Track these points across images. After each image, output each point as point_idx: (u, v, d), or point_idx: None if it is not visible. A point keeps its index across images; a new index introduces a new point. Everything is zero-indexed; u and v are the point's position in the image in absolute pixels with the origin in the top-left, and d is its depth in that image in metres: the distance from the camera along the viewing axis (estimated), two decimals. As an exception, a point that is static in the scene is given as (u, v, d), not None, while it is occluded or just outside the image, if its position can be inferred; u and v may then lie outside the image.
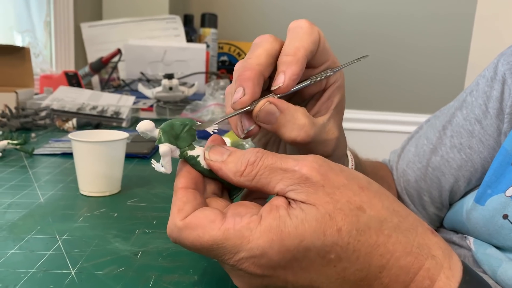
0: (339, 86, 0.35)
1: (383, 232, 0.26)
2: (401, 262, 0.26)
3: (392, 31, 1.89)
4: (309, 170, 0.27)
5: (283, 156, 0.28)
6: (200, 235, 0.27)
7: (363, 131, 1.95)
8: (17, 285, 0.31)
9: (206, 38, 1.69)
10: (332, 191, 0.26)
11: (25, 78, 1.07)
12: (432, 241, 0.27)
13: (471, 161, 0.48)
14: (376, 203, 0.27)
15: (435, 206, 0.53)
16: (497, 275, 0.40)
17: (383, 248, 0.26)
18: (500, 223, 0.40)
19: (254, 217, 0.27)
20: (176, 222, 0.27)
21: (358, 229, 0.26)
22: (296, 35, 0.32)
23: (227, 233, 0.26)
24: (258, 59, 0.31)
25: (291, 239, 0.25)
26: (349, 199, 0.26)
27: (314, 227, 0.25)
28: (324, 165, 0.27)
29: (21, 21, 1.39)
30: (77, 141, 0.49)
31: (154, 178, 0.58)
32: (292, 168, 0.27)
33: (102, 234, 0.40)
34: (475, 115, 0.48)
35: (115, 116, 0.96)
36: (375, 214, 0.26)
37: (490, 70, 0.48)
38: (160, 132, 0.30)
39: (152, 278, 0.32)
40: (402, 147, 0.58)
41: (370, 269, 0.26)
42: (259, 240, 0.26)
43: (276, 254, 0.26)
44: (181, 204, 0.28)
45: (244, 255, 0.26)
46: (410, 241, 0.27)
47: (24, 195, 0.49)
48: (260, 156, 0.28)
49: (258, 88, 0.31)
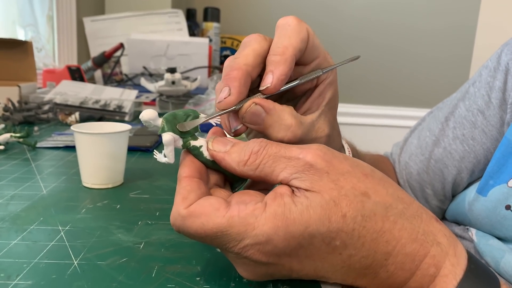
0: (330, 82, 0.35)
1: (388, 218, 0.26)
2: (407, 249, 0.26)
3: (395, 25, 1.88)
4: (313, 157, 0.27)
5: (287, 145, 0.28)
6: (204, 223, 0.26)
7: (365, 125, 1.94)
8: (19, 274, 0.30)
9: (209, 32, 1.68)
10: (337, 177, 0.26)
11: (27, 72, 1.07)
12: (437, 228, 0.27)
13: (474, 152, 0.48)
14: (381, 190, 0.27)
15: (438, 198, 0.53)
16: (500, 266, 0.40)
17: (389, 234, 0.26)
18: (503, 214, 0.40)
19: (259, 204, 0.26)
20: (180, 210, 0.27)
21: (363, 215, 0.26)
22: (284, 33, 0.31)
23: (231, 220, 0.26)
24: (245, 58, 0.31)
25: (297, 226, 0.25)
26: (353, 186, 0.26)
27: (319, 213, 0.25)
28: (328, 153, 0.27)
29: (24, 16, 1.39)
30: (80, 133, 0.49)
31: (157, 171, 0.58)
32: (296, 156, 0.27)
33: (104, 225, 0.40)
34: (477, 106, 0.48)
35: (118, 110, 0.96)
36: (380, 200, 0.26)
37: (494, 60, 0.48)
38: (163, 122, 0.30)
39: (155, 268, 0.32)
40: (404, 140, 0.58)
41: (375, 256, 0.26)
42: (264, 227, 0.25)
43: (281, 241, 0.26)
44: (185, 193, 0.28)
45: (249, 242, 0.26)
46: (415, 227, 0.27)
47: (26, 187, 0.49)
48: (264, 146, 0.28)
49: (244, 88, 0.30)
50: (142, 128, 0.83)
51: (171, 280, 0.31)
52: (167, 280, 0.30)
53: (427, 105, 1.89)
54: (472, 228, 0.46)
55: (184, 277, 0.31)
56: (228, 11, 1.85)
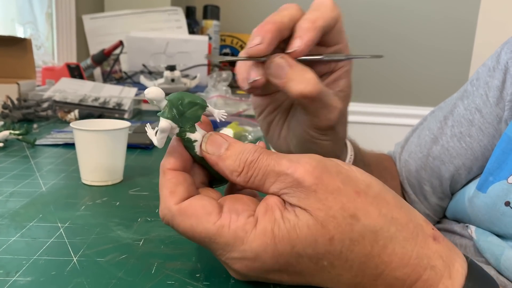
0: (347, 71, 0.35)
1: (377, 242, 0.25)
2: (396, 273, 0.25)
3: (396, 24, 1.88)
4: (301, 173, 0.26)
5: (278, 156, 0.27)
6: (193, 225, 0.26)
7: (365, 123, 1.94)
8: (18, 271, 0.30)
9: (209, 30, 1.68)
10: (325, 196, 0.25)
11: (27, 70, 1.07)
12: (432, 250, 0.26)
13: (471, 149, 0.48)
14: (372, 211, 0.26)
15: (437, 196, 0.53)
16: (500, 263, 0.39)
17: (378, 259, 0.25)
18: (502, 210, 0.40)
19: (251, 219, 0.26)
20: (170, 206, 0.27)
21: (351, 239, 0.25)
22: (317, 7, 0.33)
23: (221, 230, 0.26)
24: (281, 18, 0.32)
25: (284, 245, 0.25)
26: (342, 206, 0.25)
27: (305, 234, 0.25)
28: (319, 167, 0.26)
29: (23, 13, 1.38)
30: (79, 130, 0.49)
31: (157, 168, 0.58)
32: (285, 171, 0.26)
33: (104, 222, 0.40)
34: (475, 105, 0.48)
35: (117, 108, 0.96)
36: (370, 223, 0.25)
37: (493, 59, 0.48)
38: (167, 105, 0.29)
39: (154, 265, 0.32)
40: (406, 139, 0.58)
41: (364, 277, 0.26)
42: (253, 244, 0.25)
43: (269, 258, 0.25)
44: (172, 186, 0.27)
45: (237, 256, 0.26)
46: (407, 252, 0.26)
47: (26, 184, 0.49)
48: (257, 157, 0.27)
49: (275, 41, 0.31)
50: (141, 125, 0.82)
51: (171, 276, 0.30)
52: (167, 277, 0.30)
53: (428, 103, 1.89)
54: (471, 226, 0.46)
55: (184, 274, 0.31)
56: (228, 9, 1.85)
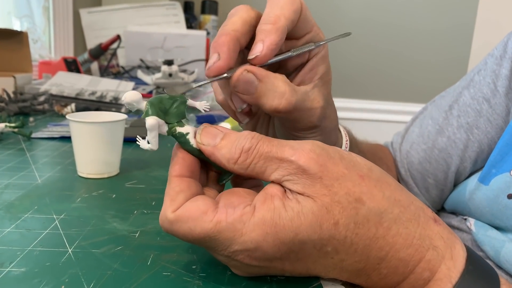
0: (322, 56, 0.33)
1: (382, 224, 0.25)
2: (400, 254, 0.25)
3: (394, 19, 1.88)
4: (306, 160, 0.25)
5: (280, 143, 0.27)
6: (191, 228, 0.26)
7: (361, 120, 1.94)
8: (13, 262, 0.30)
9: (207, 25, 1.67)
10: (331, 183, 0.25)
11: (23, 63, 1.06)
12: (434, 231, 0.26)
13: (478, 141, 0.47)
14: (377, 194, 0.26)
15: (439, 188, 0.52)
16: (500, 256, 0.39)
17: (382, 241, 0.25)
18: (504, 203, 0.40)
19: (247, 208, 0.26)
20: (167, 214, 0.26)
21: (356, 222, 0.25)
22: (276, 3, 0.30)
23: (219, 226, 0.25)
24: (233, 25, 0.29)
25: (286, 232, 0.25)
26: (348, 191, 0.25)
27: (310, 220, 0.24)
28: (323, 154, 0.26)
29: (20, 6, 1.37)
30: (75, 122, 0.49)
31: (153, 161, 0.58)
32: (289, 158, 0.26)
33: (100, 214, 0.39)
34: (483, 94, 0.47)
35: (114, 102, 0.95)
36: (374, 205, 0.25)
37: (500, 48, 0.47)
38: (147, 105, 0.28)
39: (150, 256, 0.32)
40: (406, 129, 0.57)
41: (368, 261, 0.26)
42: (252, 234, 0.25)
43: (270, 247, 0.25)
44: (173, 194, 0.27)
45: (238, 248, 0.25)
46: (411, 232, 0.26)
47: (21, 176, 0.49)
48: (255, 143, 0.27)
49: (233, 53, 0.29)
50: (138, 119, 0.82)
51: (167, 268, 0.30)
52: (163, 268, 0.30)
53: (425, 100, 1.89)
54: (470, 219, 0.46)
55: (180, 265, 0.31)
56: (226, 3, 1.84)
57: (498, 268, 0.40)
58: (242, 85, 0.29)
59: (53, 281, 0.28)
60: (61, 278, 0.28)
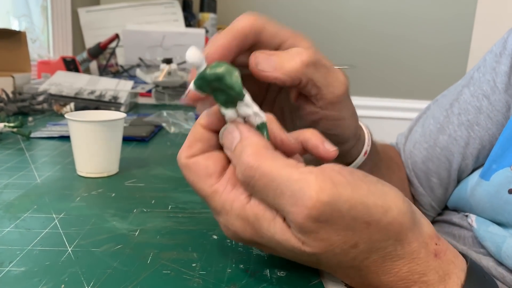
0: None
1: (371, 255, 0.26)
2: (382, 278, 0.26)
3: (395, 17, 1.87)
4: (304, 219, 0.24)
5: (283, 173, 0.24)
6: (194, 182, 0.28)
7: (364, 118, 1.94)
8: (12, 261, 0.30)
9: (205, 23, 1.67)
10: (324, 236, 0.25)
11: (21, 63, 1.06)
12: (430, 267, 0.26)
13: (479, 138, 0.47)
14: (373, 229, 0.24)
15: (444, 187, 0.51)
16: (501, 251, 0.39)
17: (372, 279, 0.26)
18: (505, 198, 0.40)
19: (242, 197, 0.26)
20: (181, 157, 0.28)
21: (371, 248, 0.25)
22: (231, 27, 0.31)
23: (214, 195, 0.27)
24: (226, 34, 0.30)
25: (263, 238, 0.27)
26: (346, 240, 0.24)
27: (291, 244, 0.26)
28: (328, 207, 0.23)
29: (18, 6, 1.37)
30: (74, 121, 0.48)
31: (153, 160, 0.58)
32: (288, 209, 0.24)
33: (99, 213, 0.39)
34: (482, 91, 0.47)
35: (114, 101, 0.95)
36: (367, 246, 0.25)
37: (499, 45, 0.47)
38: None
39: (150, 255, 0.32)
40: (409, 129, 0.57)
41: None
42: (235, 222, 0.27)
43: (248, 239, 0.27)
44: (192, 140, 0.28)
45: (222, 221, 0.28)
46: (401, 267, 0.25)
47: (20, 176, 0.49)
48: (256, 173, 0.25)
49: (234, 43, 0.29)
50: (138, 118, 0.82)
51: (166, 266, 0.30)
52: (163, 266, 0.30)
53: (425, 97, 1.89)
54: (472, 215, 0.46)
55: (180, 264, 0.31)
56: (225, 1, 1.83)
57: (498, 265, 0.40)
58: (263, 62, 0.29)
59: (52, 280, 0.28)
60: (60, 277, 0.28)
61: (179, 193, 0.45)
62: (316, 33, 1.85)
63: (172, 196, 0.44)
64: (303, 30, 0.86)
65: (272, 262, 0.31)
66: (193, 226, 0.37)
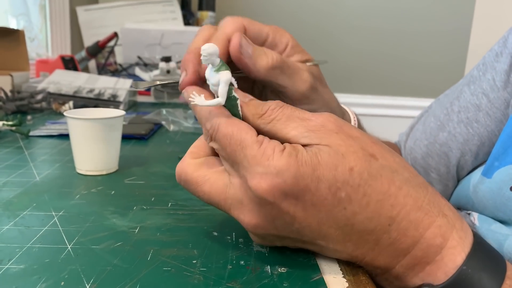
0: (280, 30, 0.38)
1: (394, 182, 0.26)
2: (411, 216, 0.26)
3: (394, 15, 1.87)
4: (324, 119, 0.28)
5: (302, 110, 0.29)
6: (234, 132, 0.29)
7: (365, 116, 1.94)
8: (11, 259, 0.30)
9: (204, 21, 1.66)
10: (346, 137, 0.27)
11: (20, 62, 1.05)
12: (442, 202, 0.27)
13: (478, 134, 0.47)
14: (389, 157, 0.27)
15: (443, 183, 0.52)
16: (503, 249, 0.39)
17: (394, 198, 0.26)
18: (508, 195, 0.39)
19: (281, 146, 0.28)
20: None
21: (370, 173, 0.26)
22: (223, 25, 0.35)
23: (255, 144, 0.28)
24: (195, 43, 0.34)
25: (306, 167, 0.26)
26: (362, 147, 0.27)
27: (326, 160, 0.26)
28: (339, 120, 0.29)
29: (16, 5, 1.37)
30: (73, 119, 0.48)
31: (152, 158, 0.58)
32: (309, 117, 0.28)
33: (99, 210, 0.39)
34: (482, 90, 0.47)
35: (112, 99, 0.95)
36: (387, 164, 0.27)
37: (500, 44, 0.48)
38: (221, 62, 0.30)
39: (150, 252, 0.32)
40: (410, 127, 0.58)
41: (379, 220, 0.26)
42: (278, 161, 0.28)
43: (291, 178, 0.26)
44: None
45: (261, 170, 0.28)
46: (421, 196, 0.27)
47: (19, 174, 0.48)
48: (281, 105, 0.29)
49: (198, 67, 0.33)
50: (137, 116, 0.82)
51: (167, 263, 0.30)
52: (163, 263, 0.30)
53: (425, 94, 1.89)
54: (474, 213, 0.46)
55: (180, 260, 0.30)
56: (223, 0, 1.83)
57: None
58: (245, 47, 0.33)
59: (52, 277, 0.28)
60: (60, 275, 0.28)
61: (179, 191, 0.45)
62: (314, 31, 1.84)
63: (172, 193, 0.44)
64: (301, 28, 0.86)
65: (273, 259, 0.31)
66: (193, 223, 0.37)
